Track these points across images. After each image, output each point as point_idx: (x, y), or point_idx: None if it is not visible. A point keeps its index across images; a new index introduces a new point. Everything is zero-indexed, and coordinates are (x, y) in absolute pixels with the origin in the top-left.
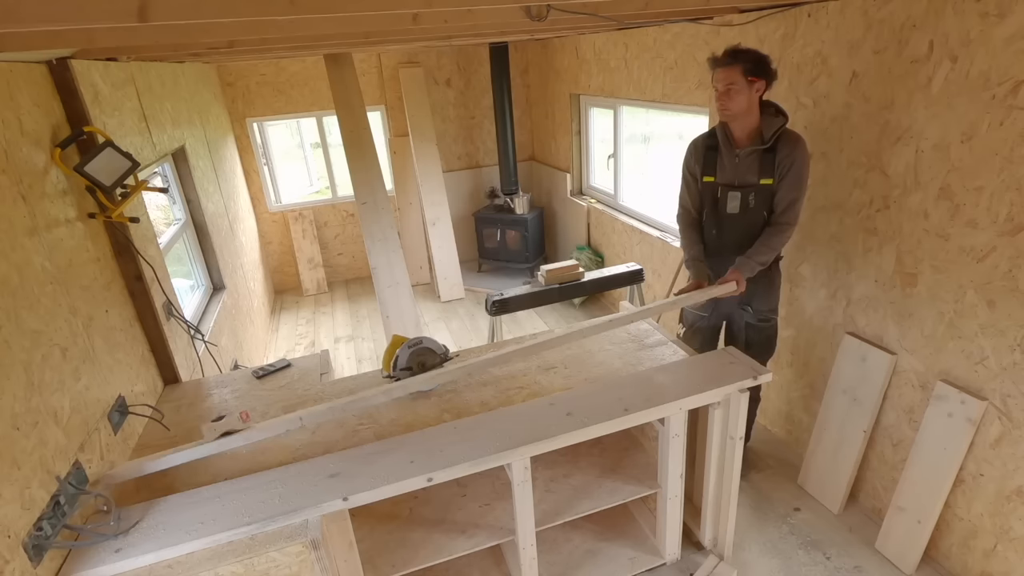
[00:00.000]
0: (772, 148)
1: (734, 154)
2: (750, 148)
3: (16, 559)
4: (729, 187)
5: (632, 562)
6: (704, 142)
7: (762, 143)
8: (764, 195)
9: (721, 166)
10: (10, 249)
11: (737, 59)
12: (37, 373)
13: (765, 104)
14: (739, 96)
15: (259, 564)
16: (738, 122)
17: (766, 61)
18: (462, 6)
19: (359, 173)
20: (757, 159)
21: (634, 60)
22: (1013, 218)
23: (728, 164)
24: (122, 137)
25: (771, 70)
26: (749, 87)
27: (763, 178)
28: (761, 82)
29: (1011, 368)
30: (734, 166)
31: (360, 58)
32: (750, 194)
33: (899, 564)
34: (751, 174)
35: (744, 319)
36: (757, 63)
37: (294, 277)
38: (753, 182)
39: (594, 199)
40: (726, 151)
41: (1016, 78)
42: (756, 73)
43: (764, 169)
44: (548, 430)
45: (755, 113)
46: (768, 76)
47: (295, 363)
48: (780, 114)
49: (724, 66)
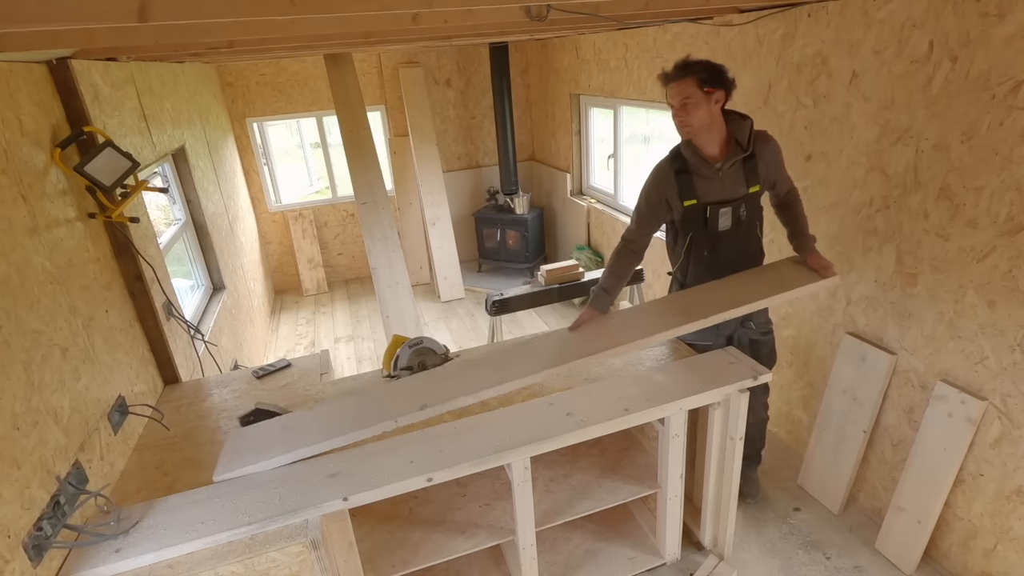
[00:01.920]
0: (752, 153)
1: (714, 170)
2: (731, 160)
3: (16, 559)
4: (719, 204)
5: (632, 562)
6: (671, 167)
7: (743, 151)
8: (753, 203)
9: (702, 186)
10: (10, 249)
11: (689, 71)
12: (37, 373)
13: (726, 113)
14: (697, 110)
15: (259, 564)
16: (703, 137)
17: (721, 70)
18: (462, 6)
19: (359, 173)
20: (740, 169)
21: (634, 60)
22: (1013, 218)
23: (710, 182)
24: (122, 137)
25: (728, 79)
26: (707, 99)
27: (751, 187)
28: (719, 92)
29: (1011, 368)
30: (718, 182)
31: (360, 58)
32: (740, 206)
33: (899, 564)
34: (738, 185)
35: (747, 336)
36: (712, 72)
37: (294, 277)
38: (742, 193)
39: (594, 199)
40: (704, 170)
41: (1016, 78)
42: (712, 83)
43: (749, 177)
44: (548, 430)
45: (719, 124)
46: (725, 85)
47: (295, 363)
48: (739, 114)
49: (677, 80)
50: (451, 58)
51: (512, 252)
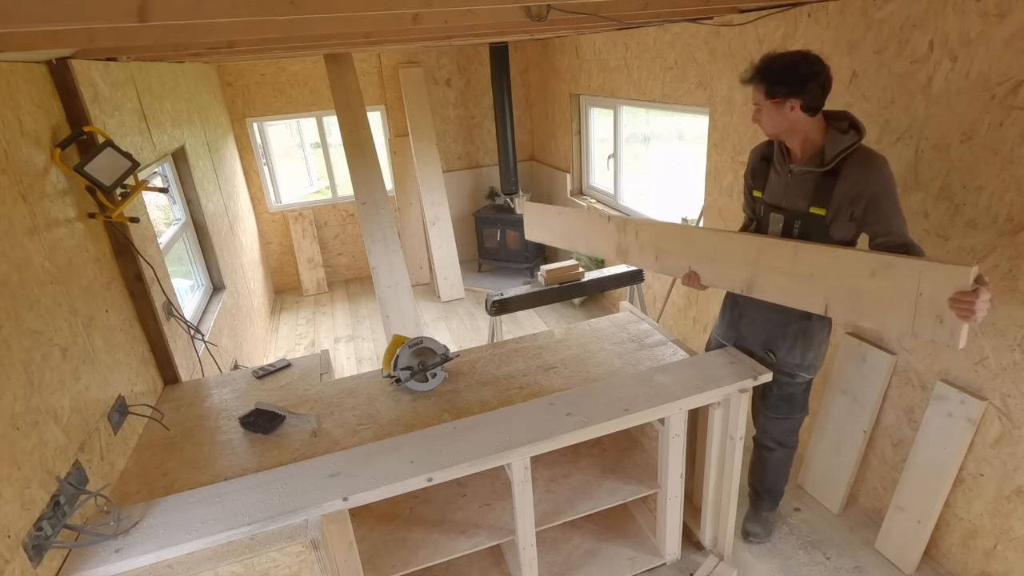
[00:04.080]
0: (834, 171)
1: (787, 170)
2: (804, 167)
3: (16, 559)
4: (773, 208)
5: (632, 562)
6: (760, 150)
7: (821, 164)
8: (814, 226)
9: (772, 181)
10: (10, 249)
11: (756, 76)
12: (37, 373)
13: (833, 116)
14: (768, 118)
15: (259, 564)
16: (785, 139)
17: (795, 73)
18: (462, 6)
19: (359, 173)
20: (812, 182)
21: (634, 60)
22: (1013, 218)
23: (777, 181)
24: (122, 137)
25: (803, 84)
26: (777, 108)
27: (814, 206)
28: (793, 100)
29: (1011, 368)
30: (784, 184)
31: (360, 58)
32: (795, 221)
33: (899, 564)
34: (801, 198)
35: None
36: (780, 78)
37: (294, 277)
38: (802, 209)
39: (594, 199)
40: (779, 165)
41: (1016, 78)
42: (779, 93)
43: (818, 196)
44: (548, 430)
45: (804, 131)
46: (799, 92)
47: (295, 363)
48: (853, 128)
49: (747, 83)
50: (451, 58)
51: (512, 252)
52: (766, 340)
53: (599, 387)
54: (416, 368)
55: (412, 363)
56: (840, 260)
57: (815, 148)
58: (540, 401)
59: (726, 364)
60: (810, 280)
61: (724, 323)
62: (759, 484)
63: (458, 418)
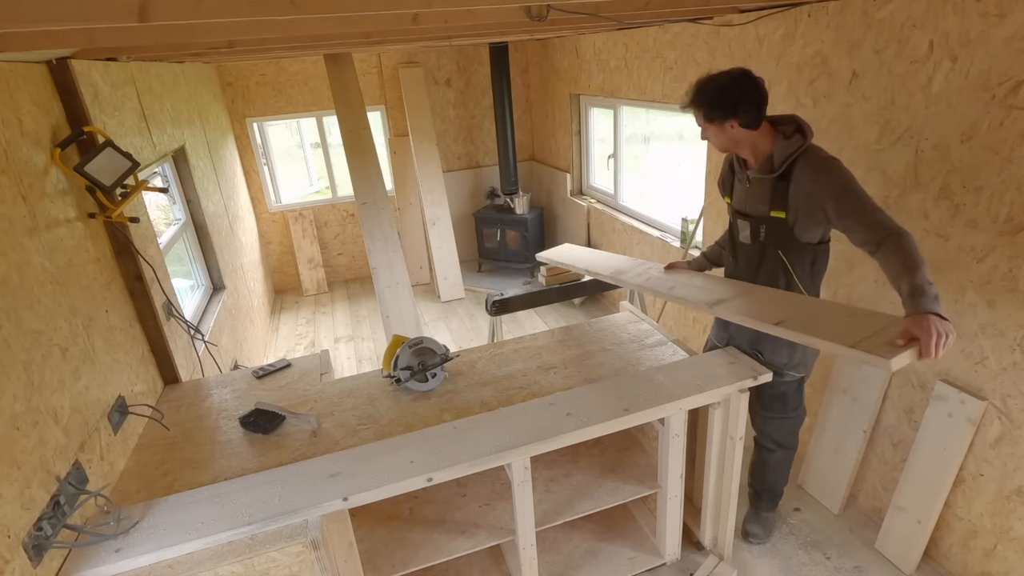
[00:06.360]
0: (785, 175)
1: (745, 177)
2: (758, 175)
3: (16, 559)
4: (740, 214)
5: (632, 562)
6: (728, 159)
7: (771, 170)
8: (778, 229)
9: (736, 188)
10: (10, 249)
11: (692, 103)
12: (37, 373)
13: (779, 122)
14: (714, 137)
15: (259, 564)
16: (738, 150)
17: (725, 97)
18: (462, 6)
19: (359, 173)
20: (768, 187)
21: (634, 60)
22: (1013, 218)
23: (740, 188)
24: (122, 137)
25: (735, 107)
26: (719, 128)
27: (774, 210)
28: (730, 121)
29: (1011, 368)
30: (745, 191)
31: (360, 58)
32: (760, 225)
33: (899, 564)
34: (761, 203)
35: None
36: (713, 103)
37: (294, 277)
38: (764, 213)
39: (594, 199)
40: (739, 173)
41: (1016, 78)
42: (716, 116)
43: (776, 200)
44: (548, 430)
45: (751, 143)
46: (733, 114)
47: (295, 363)
48: (799, 131)
49: (686, 109)
50: (451, 58)
51: (512, 252)
52: (752, 340)
53: (599, 387)
54: (416, 368)
55: (412, 363)
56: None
57: (765, 155)
58: (540, 401)
59: (726, 364)
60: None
61: (716, 324)
62: (758, 484)
63: (458, 418)
